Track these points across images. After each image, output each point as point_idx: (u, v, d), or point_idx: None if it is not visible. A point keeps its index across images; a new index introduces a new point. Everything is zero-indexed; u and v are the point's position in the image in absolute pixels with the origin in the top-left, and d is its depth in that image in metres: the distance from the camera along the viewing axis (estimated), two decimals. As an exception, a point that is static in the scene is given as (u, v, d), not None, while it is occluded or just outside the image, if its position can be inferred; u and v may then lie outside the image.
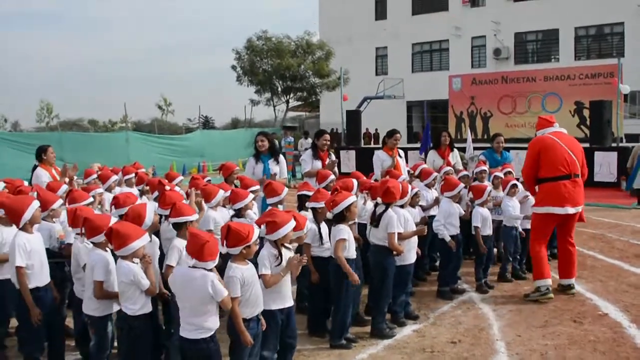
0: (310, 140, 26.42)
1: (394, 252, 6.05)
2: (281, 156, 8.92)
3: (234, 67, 38.48)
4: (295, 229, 4.88)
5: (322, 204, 6.00)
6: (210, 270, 4.16)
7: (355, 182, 6.92)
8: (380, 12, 42.47)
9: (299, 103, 42.71)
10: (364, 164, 23.85)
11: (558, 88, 25.95)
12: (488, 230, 7.85)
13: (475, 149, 15.09)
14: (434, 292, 7.58)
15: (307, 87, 38.38)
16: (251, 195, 6.54)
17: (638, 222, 12.60)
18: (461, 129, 28.35)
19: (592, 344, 5.77)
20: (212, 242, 4.13)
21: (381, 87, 34.53)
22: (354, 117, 24.84)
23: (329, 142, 9.19)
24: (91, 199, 6.07)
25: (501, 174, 9.06)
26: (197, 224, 5.36)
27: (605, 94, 22.32)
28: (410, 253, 6.39)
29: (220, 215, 6.59)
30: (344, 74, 35.13)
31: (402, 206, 6.40)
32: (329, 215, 5.95)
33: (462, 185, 7.66)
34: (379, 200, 6.10)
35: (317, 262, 6.07)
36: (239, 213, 6.39)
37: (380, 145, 10.04)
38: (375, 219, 6.01)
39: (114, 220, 4.95)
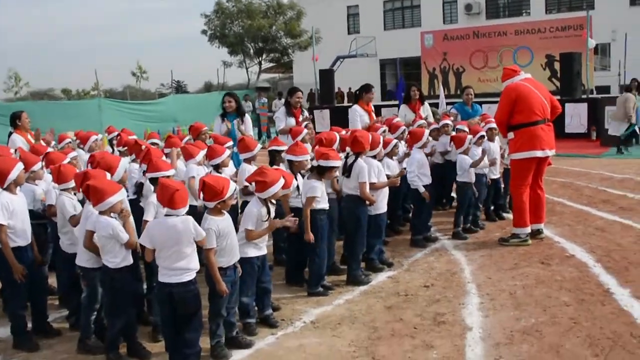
0: (283, 100, 26.43)
1: (367, 202, 6.21)
2: (247, 115, 9.32)
3: (204, 32, 38.08)
4: (283, 187, 5.06)
5: (300, 157, 6.13)
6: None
7: (337, 135, 7.05)
8: (351, -31, 42.15)
9: (272, 65, 42.50)
10: (338, 122, 23.75)
11: (529, 42, 26.10)
12: (471, 177, 8.09)
13: (448, 104, 15.26)
14: (407, 241, 7.78)
15: (279, 48, 38.14)
16: (227, 151, 6.64)
17: (607, 170, 12.90)
18: (434, 85, 28.49)
19: (559, 282, 6.00)
20: (182, 190, 4.28)
21: (353, 46, 34.49)
22: (327, 77, 24.82)
23: (301, 99, 9.32)
24: (68, 159, 6.11)
25: (464, 127, 9.19)
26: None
27: (575, 46, 22.50)
28: (382, 202, 6.56)
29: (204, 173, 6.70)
30: (315, 33, 35.11)
31: (375, 157, 6.55)
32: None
33: (427, 133, 7.77)
34: (349, 150, 6.21)
35: (294, 212, 6.17)
36: (217, 169, 6.49)
37: (352, 104, 10.18)
38: (347, 169, 6.13)
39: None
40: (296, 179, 6.14)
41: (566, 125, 19.08)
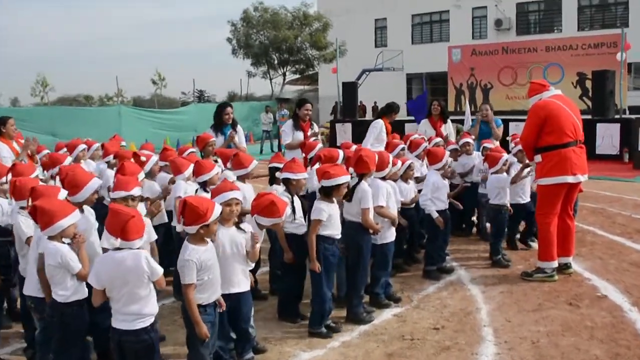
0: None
1: (370, 231, 5.51)
2: (239, 126, 8.69)
3: (229, 40, 37.68)
4: (271, 215, 4.56)
5: (297, 175, 5.47)
6: (138, 249, 3.64)
7: (340, 152, 6.39)
8: (380, -18, 41.54)
9: (297, 76, 41.98)
10: (360, 137, 23.10)
11: (560, 58, 25.22)
12: (506, 199, 7.44)
13: (473, 120, 14.48)
14: (420, 271, 7.04)
15: (304, 59, 37.55)
16: (217, 169, 5.99)
17: (641, 196, 12.05)
18: (461, 102, 27.72)
19: (589, 330, 5.23)
20: (137, 218, 3.61)
21: (380, 59, 33.84)
22: (350, 90, 24.12)
23: (310, 112, 8.69)
24: (36, 172, 5.49)
25: (491, 145, 8.50)
26: (136, 202, 4.75)
27: (608, 64, 21.52)
28: (390, 230, 5.83)
29: (192, 190, 6.05)
30: (341, 45, 34.54)
31: (384, 178, 5.86)
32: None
33: (447, 155, 7.04)
34: (352, 171, 5.53)
35: (291, 240, 5.48)
36: (204, 187, 5.84)
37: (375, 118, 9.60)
38: (348, 192, 5.42)
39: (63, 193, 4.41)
40: (292, 201, 5.48)
41: (597, 147, 18.16)
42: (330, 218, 5.10)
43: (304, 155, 7.43)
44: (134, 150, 8.35)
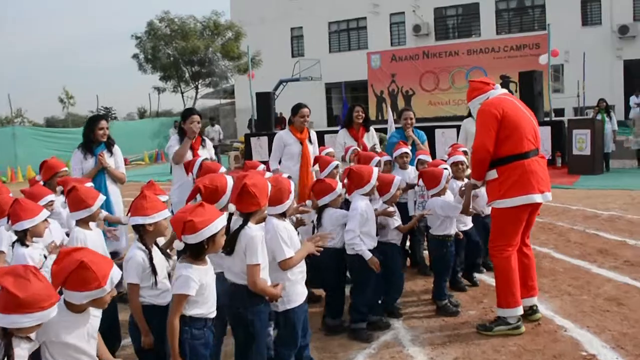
0: (217, 127, 23.93)
1: (266, 298, 3.76)
2: (116, 146, 6.81)
3: (135, 56, 35.18)
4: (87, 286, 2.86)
5: (153, 218, 3.72)
6: None
7: (229, 179, 4.62)
8: (294, -10, 40.04)
9: (211, 90, 39.89)
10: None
11: (482, 62, 24.35)
12: (450, 228, 5.78)
13: (398, 129, 12.88)
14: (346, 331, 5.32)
15: (217, 71, 35.49)
16: (45, 213, 4.14)
17: (587, 205, 10.78)
18: (382, 110, 26.52)
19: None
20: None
21: (297, 69, 32.31)
22: (265, 100, 22.33)
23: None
24: None
25: (427, 157, 6.93)
26: None
27: (532, 66, 20.53)
28: (295, 288, 4.07)
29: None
30: (256, 55, 32.84)
31: (285, 214, 4.12)
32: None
33: (375, 173, 5.30)
34: (233, 209, 3.73)
35: (152, 314, 3.71)
36: (23, 239, 3.96)
37: None
38: (228, 242, 3.63)
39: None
40: (151, 257, 3.69)
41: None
42: (202, 289, 3.34)
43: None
44: (32, 174, 6.37)
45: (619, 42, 30.25)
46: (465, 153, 6.88)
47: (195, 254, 3.29)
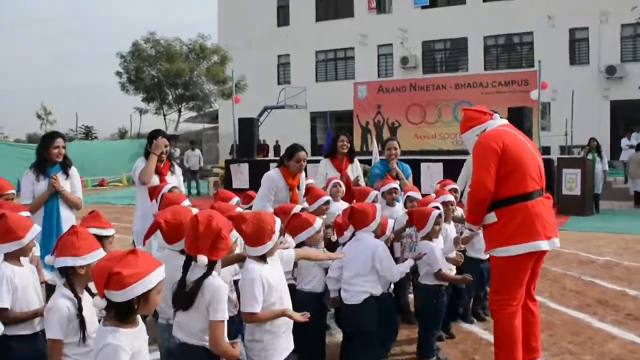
0: (197, 151, 23.28)
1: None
2: (73, 168, 6.11)
3: (118, 74, 34.56)
4: None
5: (84, 259, 3.05)
6: None
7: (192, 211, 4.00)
8: (283, 17, 39.65)
9: (194, 114, 39.32)
10: (258, 179, 20.73)
11: (470, 96, 23.89)
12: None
13: (383, 160, 12.33)
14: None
15: (201, 95, 34.93)
16: None
17: (580, 249, 10.23)
18: (367, 141, 26.01)
19: None
20: None
21: (282, 96, 31.82)
22: (247, 126, 21.74)
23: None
24: None
25: (417, 194, 6.32)
26: None
27: (520, 103, 20.21)
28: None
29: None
30: (241, 79, 32.36)
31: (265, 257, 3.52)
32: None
33: (433, 215, 4.75)
34: (204, 261, 3.07)
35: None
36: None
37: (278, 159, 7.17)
38: (187, 295, 3.02)
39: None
40: (79, 308, 3.04)
41: (517, 190, 16.58)
42: (135, 358, 2.66)
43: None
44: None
45: (606, 83, 30.15)
46: (454, 191, 6.33)
47: (122, 314, 2.59)
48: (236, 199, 5.71)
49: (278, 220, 3.56)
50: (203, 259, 3.00)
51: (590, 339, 5.70)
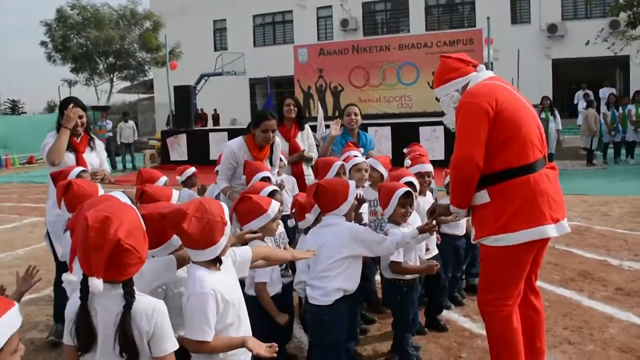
0: (131, 123, 21.90)
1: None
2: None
3: (43, 43, 32.47)
4: None
5: None
6: None
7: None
8: (217, -19, 38.10)
9: (128, 84, 37.48)
10: (195, 150, 19.94)
11: (414, 57, 23.12)
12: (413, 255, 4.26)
13: (327, 127, 11.31)
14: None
15: (134, 64, 33.21)
16: None
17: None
18: (309, 106, 25.05)
19: None
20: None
21: (220, 63, 30.48)
22: (184, 94, 20.52)
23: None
24: None
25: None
26: None
27: (467, 62, 19.60)
28: None
29: None
30: (176, 47, 30.86)
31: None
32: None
33: (352, 185, 3.78)
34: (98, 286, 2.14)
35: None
36: None
37: (220, 127, 6.14)
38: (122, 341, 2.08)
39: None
40: None
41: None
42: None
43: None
44: None
45: (548, 41, 29.92)
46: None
47: None
48: (164, 178, 4.72)
49: (225, 207, 2.64)
50: (96, 283, 2.06)
51: (586, 323, 4.98)
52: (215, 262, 2.60)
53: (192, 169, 6.59)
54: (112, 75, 33.72)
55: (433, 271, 4.05)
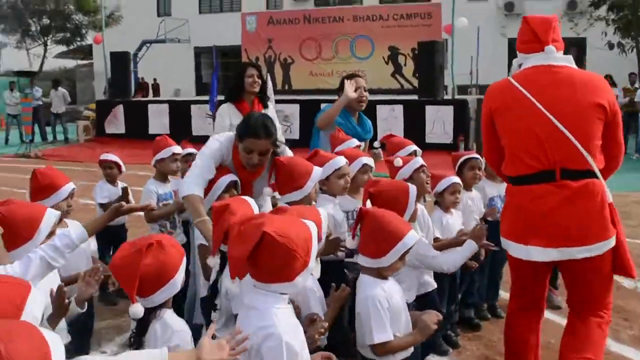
0: (62, 91, 20.21)
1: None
2: None
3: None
4: None
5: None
6: None
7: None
8: (160, -59, 36.11)
9: (65, 48, 35.29)
10: (133, 123, 18.43)
11: (369, 30, 22.07)
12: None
13: (278, 102, 9.96)
14: None
15: (70, 27, 31.18)
16: None
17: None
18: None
19: None
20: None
21: (162, 30, 28.85)
22: (122, 62, 18.92)
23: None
24: None
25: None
26: None
27: (423, 38, 18.57)
28: None
29: None
30: (115, 11, 29.11)
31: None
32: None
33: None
34: None
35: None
36: None
37: (161, 99, 4.89)
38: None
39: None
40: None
41: (427, 134, 15.08)
42: None
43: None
44: None
45: (505, 20, 29.36)
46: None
47: None
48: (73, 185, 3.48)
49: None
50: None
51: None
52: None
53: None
54: (45, 38, 31.58)
55: (431, 332, 2.88)
